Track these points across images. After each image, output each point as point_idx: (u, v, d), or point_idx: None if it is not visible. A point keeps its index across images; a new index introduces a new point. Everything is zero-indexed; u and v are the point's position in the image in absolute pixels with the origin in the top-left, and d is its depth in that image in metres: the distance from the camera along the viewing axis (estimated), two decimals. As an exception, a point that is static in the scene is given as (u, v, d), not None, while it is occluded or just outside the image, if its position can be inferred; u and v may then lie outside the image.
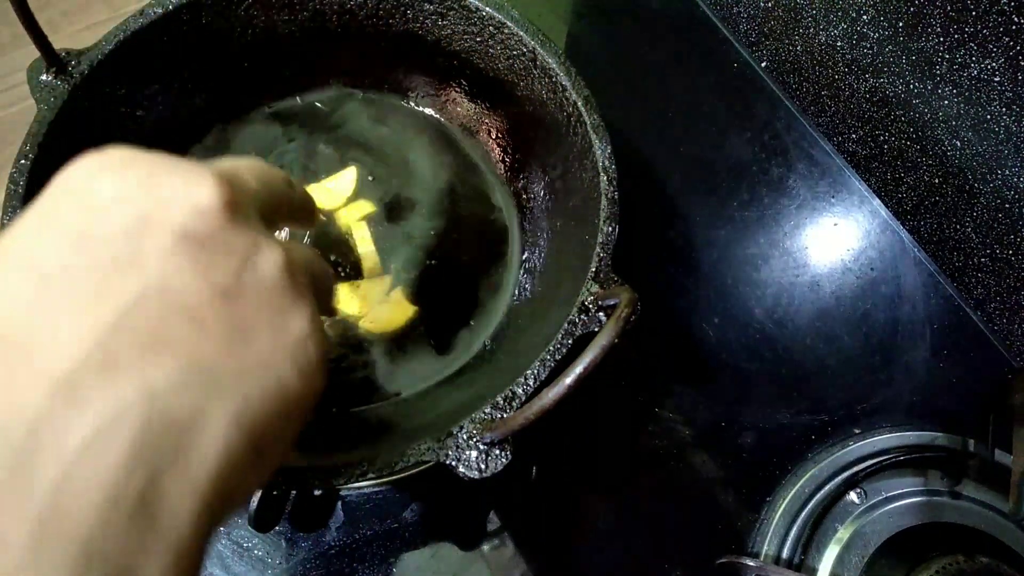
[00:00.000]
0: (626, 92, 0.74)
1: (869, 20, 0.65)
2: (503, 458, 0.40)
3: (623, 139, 0.53)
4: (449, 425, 0.40)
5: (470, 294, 0.57)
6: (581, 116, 0.51)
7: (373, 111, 0.63)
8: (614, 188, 0.48)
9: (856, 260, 0.68)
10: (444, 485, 0.56)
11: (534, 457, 0.58)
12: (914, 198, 0.70)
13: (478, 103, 0.62)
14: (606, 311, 0.43)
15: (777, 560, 0.55)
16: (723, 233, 0.68)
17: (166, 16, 0.52)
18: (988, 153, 0.61)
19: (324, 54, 0.61)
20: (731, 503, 0.58)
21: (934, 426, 0.60)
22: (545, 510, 0.57)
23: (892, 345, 0.64)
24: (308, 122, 0.62)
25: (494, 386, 0.44)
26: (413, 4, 0.57)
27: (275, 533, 0.54)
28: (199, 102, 0.58)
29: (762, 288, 0.66)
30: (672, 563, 0.55)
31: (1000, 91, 0.58)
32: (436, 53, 0.60)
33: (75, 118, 0.49)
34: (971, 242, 0.66)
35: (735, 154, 0.72)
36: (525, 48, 0.54)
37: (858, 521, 0.56)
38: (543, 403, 0.35)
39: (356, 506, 0.56)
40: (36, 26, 0.46)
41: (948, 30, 0.59)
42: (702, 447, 0.60)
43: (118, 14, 1.16)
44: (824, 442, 0.60)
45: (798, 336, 0.64)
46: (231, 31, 0.56)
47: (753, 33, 0.78)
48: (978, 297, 0.68)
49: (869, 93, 0.69)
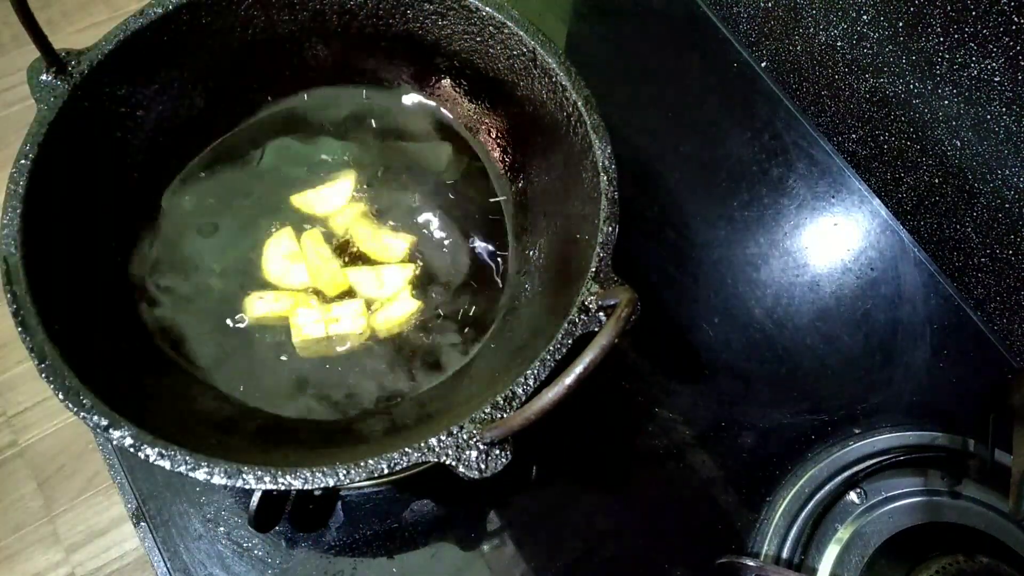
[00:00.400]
0: (626, 92, 0.74)
1: (869, 20, 0.65)
2: (503, 458, 0.40)
3: (623, 139, 0.53)
4: (449, 425, 0.40)
5: (471, 295, 0.57)
6: (581, 116, 0.51)
7: (373, 111, 0.63)
8: (614, 188, 0.48)
9: (856, 260, 0.68)
10: (444, 485, 0.56)
11: (534, 457, 0.58)
12: (914, 198, 0.70)
13: (478, 103, 0.62)
14: (606, 311, 0.43)
15: (777, 560, 0.55)
16: (723, 233, 0.68)
17: (166, 16, 0.52)
18: (988, 153, 0.61)
19: (324, 54, 0.61)
20: (731, 503, 0.58)
21: (934, 426, 0.60)
22: (545, 510, 0.57)
23: (892, 345, 0.64)
24: (307, 121, 0.62)
25: (494, 386, 0.44)
26: (413, 4, 0.57)
27: (275, 533, 0.54)
28: (199, 102, 0.58)
29: (762, 288, 0.66)
30: (672, 563, 0.55)
31: (1000, 91, 0.58)
32: (436, 53, 0.60)
33: (75, 118, 0.49)
34: (971, 242, 0.66)
35: (735, 154, 0.72)
36: (525, 48, 0.54)
37: (858, 521, 0.56)
38: (543, 403, 0.35)
39: (356, 506, 0.56)
40: (36, 26, 0.46)
41: (948, 30, 0.59)
42: (702, 447, 0.60)
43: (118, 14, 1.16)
44: (824, 442, 0.60)
45: (798, 336, 0.64)
46: (231, 31, 0.56)
47: (753, 33, 0.78)
48: (978, 297, 0.68)
49: (869, 93, 0.69)
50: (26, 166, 0.46)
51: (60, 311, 0.44)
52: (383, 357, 0.55)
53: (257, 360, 0.53)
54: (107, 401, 0.41)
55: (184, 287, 0.55)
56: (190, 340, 0.53)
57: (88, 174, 0.51)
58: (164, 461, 0.39)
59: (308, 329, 0.54)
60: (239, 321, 0.54)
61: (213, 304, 0.55)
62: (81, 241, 0.50)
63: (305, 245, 0.57)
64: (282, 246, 0.57)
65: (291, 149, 0.61)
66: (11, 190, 0.45)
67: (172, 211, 0.57)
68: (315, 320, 0.54)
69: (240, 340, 0.54)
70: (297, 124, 0.62)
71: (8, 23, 1.51)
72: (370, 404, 0.53)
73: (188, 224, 0.57)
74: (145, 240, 0.56)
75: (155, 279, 0.55)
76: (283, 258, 0.56)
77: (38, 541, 1.16)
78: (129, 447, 0.40)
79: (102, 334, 0.48)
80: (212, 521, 0.54)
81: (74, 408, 0.40)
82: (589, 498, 0.58)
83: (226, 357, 0.53)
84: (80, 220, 0.50)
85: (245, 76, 0.60)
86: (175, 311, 0.54)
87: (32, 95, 0.48)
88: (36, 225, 0.45)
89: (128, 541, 1.17)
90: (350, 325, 0.54)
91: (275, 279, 0.56)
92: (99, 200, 0.52)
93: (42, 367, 0.41)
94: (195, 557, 0.53)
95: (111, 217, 0.53)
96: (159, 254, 0.56)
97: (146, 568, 1.15)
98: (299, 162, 0.60)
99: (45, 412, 1.24)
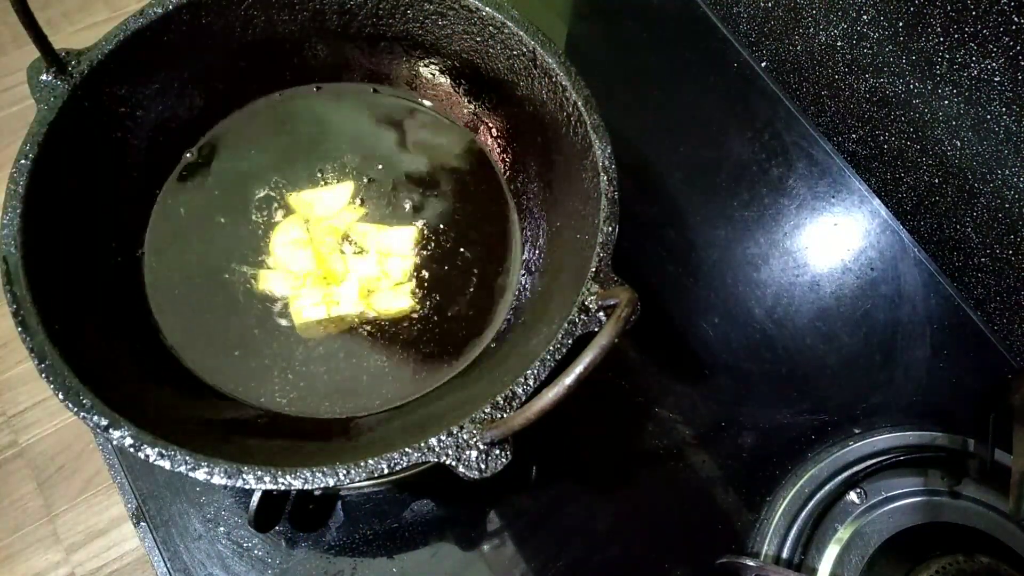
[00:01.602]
0: (626, 92, 0.74)
1: (869, 20, 0.65)
2: (503, 458, 0.40)
3: (623, 139, 0.53)
4: (449, 425, 0.40)
5: (472, 295, 0.57)
6: (581, 116, 0.51)
7: (373, 111, 0.63)
8: (614, 188, 0.48)
9: (856, 260, 0.68)
10: (444, 485, 0.56)
11: (534, 457, 0.58)
12: (914, 198, 0.70)
13: (478, 103, 0.62)
14: (606, 311, 0.43)
15: (777, 560, 0.55)
16: (723, 233, 0.68)
17: (166, 16, 0.52)
18: (988, 153, 0.61)
19: (323, 53, 0.61)
20: (731, 503, 0.58)
21: (934, 426, 0.60)
22: (545, 510, 0.57)
23: (892, 345, 0.64)
24: (304, 121, 0.62)
25: (494, 386, 0.44)
26: (413, 4, 0.57)
27: (275, 533, 0.54)
28: (199, 102, 0.59)
29: (762, 288, 0.66)
30: (672, 563, 0.55)
31: (1000, 91, 0.58)
32: (436, 53, 0.60)
33: (75, 118, 0.49)
34: (971, 242, 0.66)
35: (735, 154, 0.72)
36: (525, 48, 0.54)
37: (858, 521, 0.56)
38: (543, 403, 0.35)
39: (356, 506, 0.56)
40: (36, 26, 0.46)
41: (948, 30, 0.59)
42: (702, 447, 0.60)
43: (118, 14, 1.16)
44: (824, 442, 0.60)
45: (798, 336, 0.64)
46: (231, 31, 0.56)
47: (753, 33, 0.78)
48: (978, 297, 0.68)
49: (869, 93, 0.69)
50: (26, 166, 0.46)
51: (60, 311, 0.44)
52: (384, 357, 0.55)
53: (258, 359, 0.53)
54: (107, 401, 0.41)
55: (184, 286, 0.55)
56: (190, 339, 0.53)
57: (88, 174, 0.51)
58: (164, 461, 0.39)
59: (308, 312, 0.55)
60: (242, 314, 0.55)
61: (214, 304, 0.55)
62: (81, 241, 0.50)
63: (314, 232, 0.57)
64: (291, 233, 0.57)
65: (290, 145, 0.61)
66: (11, 190, 0.45)
67: (171, 207, 0.57)
68: (315, 303, 0.55)
69: (241, 339, 0.54)
70: (295, 122, 0.62)
71: (8, 23, 1.51)
72: (371, 404, 0.53)
73: (188, 221, 0.57)
74: (145, 238, 0.56)
75: (155, 279, 0.55)
76: (291, 244, 0.57)
77: (38, 541, 1.16)
78: (129, 447, 0.40)
79: (102, 334, 0.48)
80: (212, 521, 0.54)
81: (74, 408, 0.40)
82: (589, 498, 0.58)
83: (227, 356, 0.53)
84: (80, 220, 0.50)
85: (245, 76, 0.60)
86: (175, 310, 0.54)
87: (32, 95, 0.48)
88: (36, 225, 0.45)
89: (128, 541, 1.17)
90: (350, 307, 0.55)
91: (281, 264, 0.56)
92: (99, 200, 0.52)
93: (42, 367, 0.41)
94: (195, 557, 0.53)
95: (111, 217, 0.53)
96: (159, 253, 0.56)
97: (146, 568, 1.15)
98: (300, 160, 0.60)
99: (45, 412, 1.24)
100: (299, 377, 0.53)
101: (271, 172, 0.60)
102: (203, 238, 0.57)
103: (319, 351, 0.54)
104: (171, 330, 0.53)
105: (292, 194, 0.59)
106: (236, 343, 0.54)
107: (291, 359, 0.54)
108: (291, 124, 0.62)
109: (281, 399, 0.52)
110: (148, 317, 0.54)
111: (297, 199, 0.59)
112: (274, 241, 0.57)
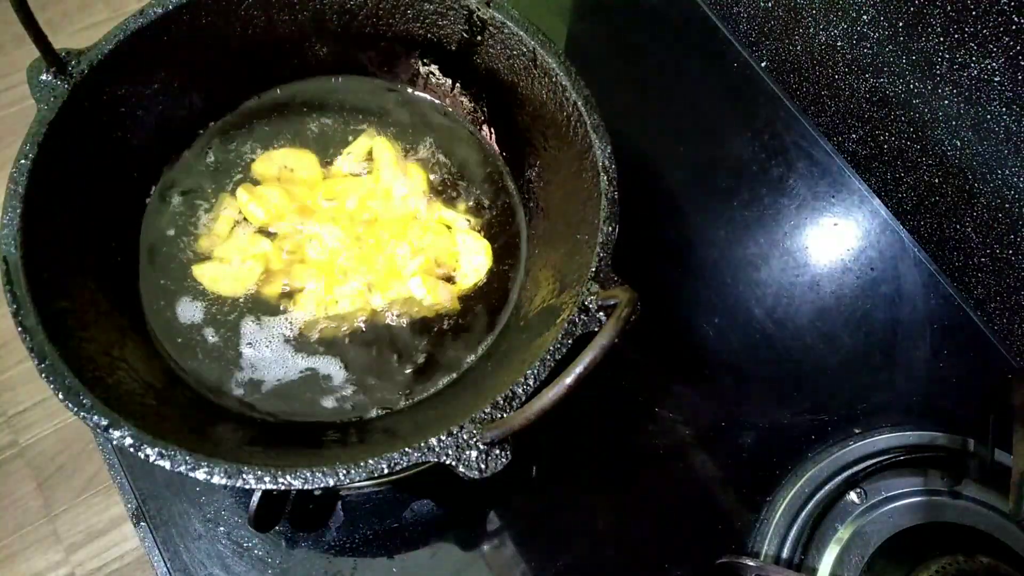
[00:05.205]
0: (626, 92, 0.74)
1: (869, 20, 0.65)
2: (503, 458, 0.40)
3: (623, 139, 0.53)
4: (449, 425, 0.40)
5: (473, 294, 0.57)
6: (581, 116, 0.51)
7: (372, 111, 0.63)
8: (614, 188, 0.48)
9: (856, 260, 0.68)
10: (444, 485, 0.56)
11: (534, 457, 0.58)
12: (914, 198, 0.70)
13: (478, 103, 0.62)
14: (606, 311, 0.43)
15: (777, 560, 0.55)
16: (723, 233, 0.68)
17: (166, 16, 0.52)
18: (988, 153, 0.61)
19: (324, 53, 0.61)
20: (731, 503, 0.58)
21: (934, 426, 0.60)
22: (545, 510, 0.57)
23: (892, 345, 0.64)
24: (305, 120, 0.62)
25: (495, 386, 0.44)
26: (413, 4, 0.57)
27: (275, 533, 0.54)
28: (198, 102, 0.59)
29: (762, 288, 0.66)
30: (672, 563, 0.55)
31: (1000, 91, 0.57)
32: (436, 53, 0.60)
33: (75, 118, 0.49)
34: (971, 242, 0.66)
35: (735, 154, 0.72)
36: (525, 48, 0.54)
37: (858, 521, 0.56)
38: (543, 403, 0.35)
39: (356, 506, 0.56)
40: (36, 26, 0.46)
41: (948, 30, 0.59)
42: (702, 447, 0.60)
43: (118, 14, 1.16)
44: (824, 442, 0.60)
45: (798, 336, 0.64)
46: (231, 31, 0.56)
47: (753, 33, 0.78)
48: (978, 297, 0.68)
49: (869, 93, 0.69)
50: (26, 166, 0.46)
51: (60, 311, 0.44)
52: (386, 357, 0.55)
53: (258, 359, 0.53)
54: (107, 401, 0.41)
55: (184, 285, 0.55)
56: (190, 338, 0.53)
57: (88, 174, 0.51)
58: (164, 461, 0.39)
59: (311, 309, 0.55)
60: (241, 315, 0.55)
61: (214, 303, 0.55)
62: (81, 240, 0.50)
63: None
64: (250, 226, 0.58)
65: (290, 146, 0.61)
66: (11, 190, 0.45)
67: (170, 207, 0.57)
68: (318, 302, 0.55)
69: (241, 339, 0.54)
70: (293, 122, 0.62)
71: (8, 23, 1.51)
72: (371, 404, 0.53)
73: (187, 221, 0.57)
74: (144, 239, 0.56)
75: (155, 277, 0.55)
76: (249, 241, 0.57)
77: (38, 541, 1.16)
78: (129, 447, 0.40)
79: (103, 334, 0.48)
80: (212, 521, 0.54)
81: (74, 408, 0.40)
82: (589, 498, 0.58)
83: (227, 357, 0.53)
84: (80, 219, 0.50)
85: (245, 76, 0.60)
86: (175, 310, 0.54)
87: (32, 95, 0.48)
88: (36, 225, 0.45)
89: (128, 541, 1.17)
90: (349, 305, 0.55)
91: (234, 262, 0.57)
92: (99, 199, 0.52)
93: (42, 367, 0.41)
94: (195, 557, 0.53)
95: (111, 216, 0.53)
96: (159, 251, 0.56)
97: (146, 568, 1.15)
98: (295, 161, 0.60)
99: (45, 412, 1.24)
100: (299, 378, 0.53)
101: (271, 171, 0.60)
102: (202, 238, 0.57)
103: (319, 352, 0.54)
104: (169, 330, 0.53)
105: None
106: (237, 343, 0.54)
107: (291, 360, 0.54)
108: (291, 123, 0.62)
109: (281, 400, 0.52)
110: (147, 317, 0.54)
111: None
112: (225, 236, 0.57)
